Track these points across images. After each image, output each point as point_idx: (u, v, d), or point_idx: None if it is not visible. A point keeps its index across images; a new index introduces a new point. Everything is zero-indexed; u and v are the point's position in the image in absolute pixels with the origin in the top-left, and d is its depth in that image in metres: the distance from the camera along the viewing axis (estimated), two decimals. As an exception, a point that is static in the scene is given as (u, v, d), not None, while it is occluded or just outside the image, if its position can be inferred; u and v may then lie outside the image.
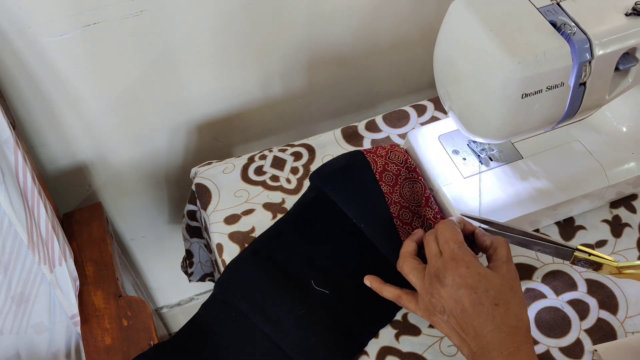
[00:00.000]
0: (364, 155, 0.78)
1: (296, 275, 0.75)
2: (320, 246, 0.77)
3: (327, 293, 0.73)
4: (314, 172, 0.79)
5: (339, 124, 0.94)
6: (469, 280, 0.60)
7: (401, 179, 0.77)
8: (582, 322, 0.73)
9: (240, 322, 0.73)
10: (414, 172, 0.78)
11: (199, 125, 0.99)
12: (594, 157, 0.78)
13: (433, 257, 0.64)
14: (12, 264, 0.81)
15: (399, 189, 0.77)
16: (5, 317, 0.85)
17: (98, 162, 0.97)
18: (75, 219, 0.95)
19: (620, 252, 0.78)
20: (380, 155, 0.78)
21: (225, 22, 0.85)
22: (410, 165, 0.78)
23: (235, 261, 0.77)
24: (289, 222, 0.79)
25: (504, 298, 0.60)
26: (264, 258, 0.76)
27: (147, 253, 1.20)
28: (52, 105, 0.85)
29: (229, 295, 0.75)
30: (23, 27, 0.74)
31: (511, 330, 0.59)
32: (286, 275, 0.75)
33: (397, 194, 0.76)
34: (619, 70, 0.65)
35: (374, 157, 0.78)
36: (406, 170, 0.78)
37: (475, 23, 0.63)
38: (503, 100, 0.63)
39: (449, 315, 0.61)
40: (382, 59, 1.03)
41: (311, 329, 0.71)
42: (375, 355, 0.71)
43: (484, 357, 0.59)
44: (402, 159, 0.78)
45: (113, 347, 0.82)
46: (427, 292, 0.63)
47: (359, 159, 0.78)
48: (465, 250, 0.63)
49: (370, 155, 0.78)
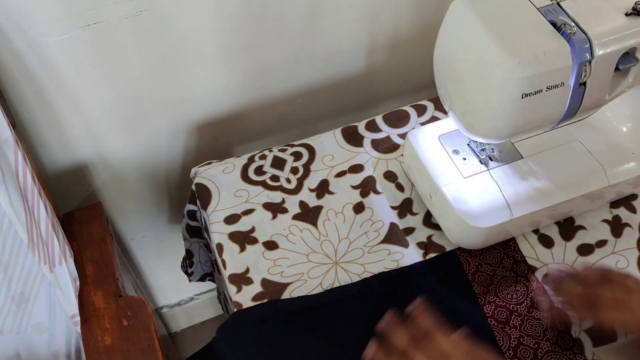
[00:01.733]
0: (457, 256, 0.78)
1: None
2: (323, 345, 0.73)
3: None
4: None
5: (339, 124, 0.94)
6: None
7: (497, 278, 0.76)
8: (582, 322, 0.73)
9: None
10: (510, 271, 0.77)
11: (199, 125, 0.99)
12: (594, 157, 0.78)
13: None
14: (12, 264, 0.81)
15: (494, 289, 0.76)
16: (5, 317, 0.85)
17: (98, 162, 0.97)
18: (75, 218, 0.95)
19: (620, 252, 0.78)
20: (474, 255, 0.78)
21: (225, 22, 0.85)
22: (507, 265, 0.77)
23: (243, 320, 0.74)
24: (310, 306, 0.75)
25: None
26: (267, 330, 0.73)
27: (147, 253, 1.20)
28: (52, 105, 0.85)
29: (227, 351, 0.73)
30: (23, 27, 0.74)
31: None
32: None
33: (492, 294, 0.75)
34: (619, 70, 0.65)
35: (467, 257, 0.78)
36: (502, 270, 0.77)
37: (475, 23, 0.63)
38: (503, 100, 0.63)
39: None
40: (382, 59, 1.03)
41: None
42: None
43: None
44: (498, 259, 0.78)
45: (113, 347, 0.82)
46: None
47: (453, 260, 0.78)
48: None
49: (464, 255, 0.78)
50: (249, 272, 0.78)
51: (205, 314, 1.49)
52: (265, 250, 0.79)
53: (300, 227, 0.81)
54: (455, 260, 0.78)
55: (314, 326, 0.74)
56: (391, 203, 0.83)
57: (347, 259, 0.79)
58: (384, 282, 0.76)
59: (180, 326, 1.50)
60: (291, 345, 0.73)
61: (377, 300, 0.75)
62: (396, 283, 0.76)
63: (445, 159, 0.79)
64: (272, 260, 0.79)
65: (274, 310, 0.74)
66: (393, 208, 0.83)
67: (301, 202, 0.84)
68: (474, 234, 0.75)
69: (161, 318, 1.42)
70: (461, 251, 0.78)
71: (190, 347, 1.45)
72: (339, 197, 0.84)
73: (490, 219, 0.74)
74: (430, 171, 0.78)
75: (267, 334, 0.73)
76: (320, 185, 0.85)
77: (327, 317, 0.74)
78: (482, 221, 0.74)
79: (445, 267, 0.78)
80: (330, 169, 0.87)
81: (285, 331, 0.73)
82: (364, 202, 0.83)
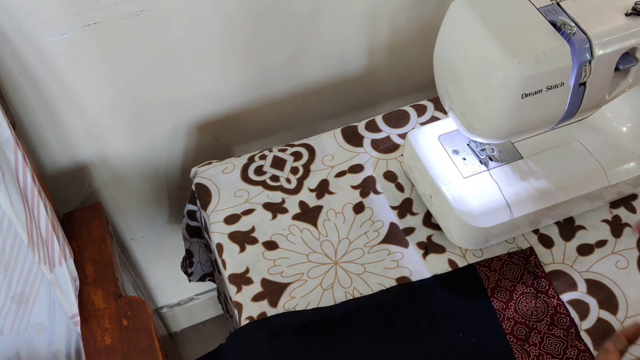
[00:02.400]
0: (477, 270, 0.77)
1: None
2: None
3: None
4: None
5: (339, 124, 0.94)
6: None
7: (517, 294, 0.75)
8: (582, 322, 0.73)
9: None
10: (531, 287, 0.76)
11: (199, 125, 0.99)
12: (594, 157, 0.78)
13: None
14: (12, 264, 0.81)
15: (513, 305, 0.75)
16: (5, 317, 0.85)
17: (98, 162, 0.97)
18: (75, 218, 0.95)
19: (620, 252, 0.78)
20: (494, 269, 0.77)
21: (225, 22, 0.85)
22: (527, 281, 0.76)
23: (254, 334, 0.73)
24: (324, 318, 0.74)
25: None
26: (279, 346, 0.73)
27: (147, 253, 1.20)
28: (52, 105, 0.85)
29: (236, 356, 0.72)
30: (23, 27, 0.74)
31: None
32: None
33: (511, 310, 0.74)
34: (619, 70, 0.65)
35: (486, 271, 0.77)
36: (523, 285, 0.76)
37: (475, 23, 0.63)
38: (503, 100, 0.63)
39: None
40: (382, 58, 1.03)
41: None
42: None
43: None
44: (518, 275, 0.77)
45: (113, 347, 0.82)
46: None
47: (472, 274, 0.77)
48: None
49: (483, 270, 0.77)
50: (249, 272, 0.78)
51: (205, 314, 1.49)
52: (265, 250, 0.79)
53: (300, 227, 0.81)
54: (474, 274, 0.77)
55: (328, 340, 0.73)
56: (391, 203, 0.83)
57: (347, 259, 0.79)
58: (400, 295, 0.76)
59: (180, 326, 1.50)
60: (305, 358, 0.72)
61: (392, 313, 0.74)
62: (412, 296, 0.75)
63: (445, 159, 0.79)
64: (272, 260, 0.79)
65: (287, 323, 0.73)
66: (393, 208, 0.83)
67: (301, 202, 0.84)
68: (474, 233, 0.75)
69: (161, 318, 1.42)
70: (480, 265, 0.77)
71: (190, 347, 1.45)
72: (338, 197, 0.84)
73: (490, 219, 0.74)
74: (430, 171, 0.78)
75: (280, 346, 0.72)
76: (320, 185, 0.85)
77: (341, 330, 0.73)
78: (482, 221, 0.74)
79: (464, 282, 0.77)
80: (330, 169, 0.87)
81: (298, 344, 0.73)
82: (363, 202, 0.83)
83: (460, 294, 0.75)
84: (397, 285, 0.76)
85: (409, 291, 0.76)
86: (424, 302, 0.75)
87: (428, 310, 0.74)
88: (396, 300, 0.75)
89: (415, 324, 0.73)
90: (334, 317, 0.74)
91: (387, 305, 0.75)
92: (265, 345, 0.72)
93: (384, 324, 0.73)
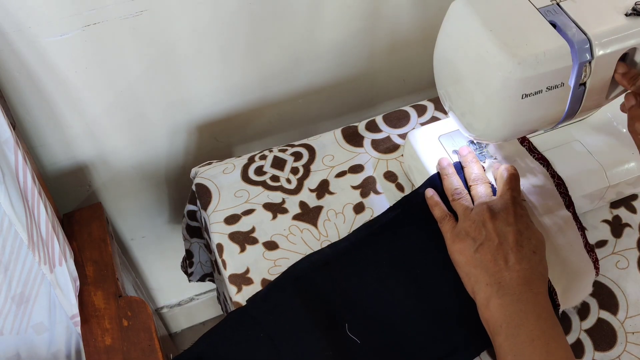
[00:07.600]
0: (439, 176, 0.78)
1: (333, 313, 0.72)
2: (367, 288, 0.73)
3: (359, 343, 0.70)
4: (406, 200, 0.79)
5: (339, 124, 0.94)
6: (520, 225, 0.68)
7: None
8: (582, 322, 0.73)
9: (267, 346, 0.70)
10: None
11: (199, 125, 0.99)
12: (594, 157, 0.78)
13: (497, 196, 0.72)
14: (12, 264, 0.81)
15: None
16: (5, 317, 0.85)
17: (98, 162, 0.97)
18: (75, 219, 0.95)
19: (620, 253, 0.78)
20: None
21: (225, 22, 0.85)
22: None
23: (275, 283, 0.74)
24: (341, 251, 0.76)
25: (541, 250, 0.68)
26: (304, 286, 0.73)
27: (147, 253, 1.20)
28: (52, 105, 0.85)
29: (260, 315, 0.72)
30: (23, 27, 0.74)
31: (540, 277, 0.66)
32: (323, 311, 0.72)
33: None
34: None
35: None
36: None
37: (475, 23, 0.63)
38: (503, 101, 0.63)
39: (482, 244, 0.67)
40: (382, 59, 1.03)
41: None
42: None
43: (504, 290, 0.64)
44: None
45: (113, 347, 0.82)
46: (469, 218, 0.70)
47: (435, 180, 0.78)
48: (523, 205, 0.71)
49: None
50: (249, 272, 0.78)
51: (205, 314, 1.49)
52: (265, 251, 0.79)
53: (301, 228, 0.81)
54: None
55: (350, 269, 0.75)
56: (391, 203, 0.83)
57: (347, 259, 0.79)
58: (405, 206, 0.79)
59: (180, 326, 1.50)
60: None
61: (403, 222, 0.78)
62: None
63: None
64: (272, 261, 0.79)
65: (307, 264, 0.76)
66: (393, 208, 0.83)
67: (301, 203, 0.84)
68: (474, 234, 0.75)
69: (161, 318, 1.42)
70: None
71: (190, 347, 1.45)
72: (339, 198, 0.84)
73: (490, 219, 0.74)
74: (430, 171, 0.78)
75: (305, 285, 0.74)
76: (321, 185, 0.85)
77: (360, 251, 0.76)
78: (482, 221, 0.74)
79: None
80: (331, 169, 0.87)
81: (324, 280, 0.75)
82: (364, 202, 0.83)
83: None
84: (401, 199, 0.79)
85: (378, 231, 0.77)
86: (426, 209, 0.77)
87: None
88: (368, 241, 0.77)
89: (382, 267, 0.75)
90: (351, 247, 0.77)
91: (360, 249, 0.77)
92: (290, 288, 0.74)
93: (356, 265, 0.75)
